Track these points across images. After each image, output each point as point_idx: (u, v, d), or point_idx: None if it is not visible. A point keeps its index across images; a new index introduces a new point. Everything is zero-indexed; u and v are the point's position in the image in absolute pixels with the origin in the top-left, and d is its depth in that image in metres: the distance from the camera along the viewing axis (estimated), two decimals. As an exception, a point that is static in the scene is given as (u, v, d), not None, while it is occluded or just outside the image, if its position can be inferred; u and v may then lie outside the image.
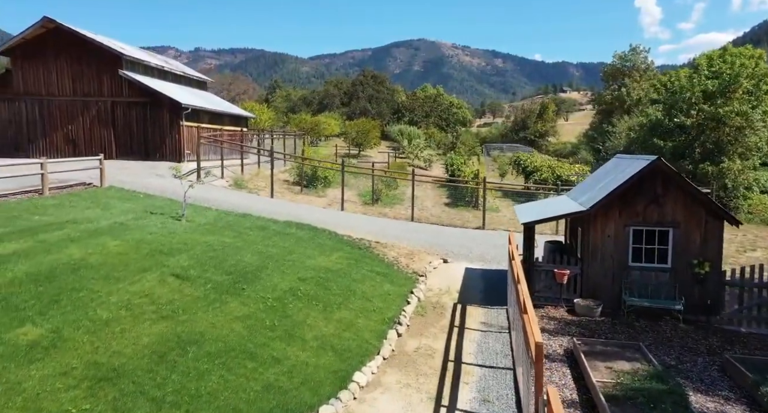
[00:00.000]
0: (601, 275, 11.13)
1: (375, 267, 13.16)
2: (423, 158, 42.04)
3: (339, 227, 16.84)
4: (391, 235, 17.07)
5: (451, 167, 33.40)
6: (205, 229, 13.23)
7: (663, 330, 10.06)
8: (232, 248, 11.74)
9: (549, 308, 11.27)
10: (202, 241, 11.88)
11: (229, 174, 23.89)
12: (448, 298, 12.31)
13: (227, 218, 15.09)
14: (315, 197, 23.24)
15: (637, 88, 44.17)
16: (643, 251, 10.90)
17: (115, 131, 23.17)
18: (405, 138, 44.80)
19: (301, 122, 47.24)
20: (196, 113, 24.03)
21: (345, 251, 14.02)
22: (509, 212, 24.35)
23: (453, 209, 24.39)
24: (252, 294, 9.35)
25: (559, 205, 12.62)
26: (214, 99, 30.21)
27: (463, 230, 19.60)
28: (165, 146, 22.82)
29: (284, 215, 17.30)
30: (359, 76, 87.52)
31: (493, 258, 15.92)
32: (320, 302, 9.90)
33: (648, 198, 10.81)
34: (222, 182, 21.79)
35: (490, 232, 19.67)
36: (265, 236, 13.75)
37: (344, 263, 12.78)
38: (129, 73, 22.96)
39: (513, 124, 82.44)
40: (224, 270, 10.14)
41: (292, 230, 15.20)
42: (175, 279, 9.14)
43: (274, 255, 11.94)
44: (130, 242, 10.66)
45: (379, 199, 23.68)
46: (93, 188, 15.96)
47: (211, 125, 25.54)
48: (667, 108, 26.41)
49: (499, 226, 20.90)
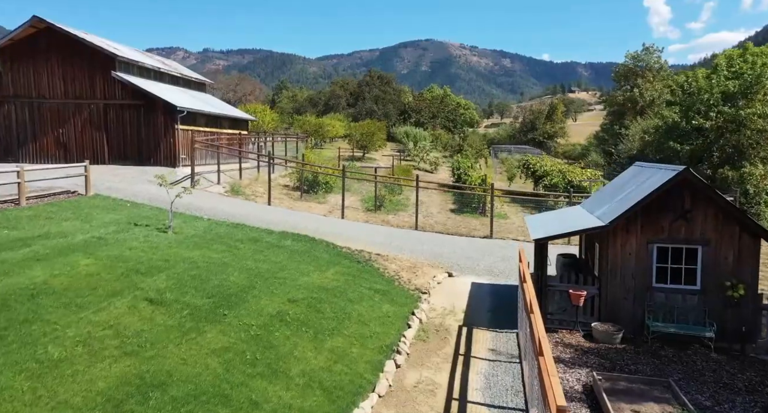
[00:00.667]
0: (621, 297, 10.11)
1: (374, 284, 12.20)
2: (429, 160, 41.04)
3: (338, 237, 15.91)
4: (393, 246, 16.12)
5: (458, 170, 32.39)
6: (192, 242, 12.32)
7: (693, 360, 9.02)
8: (218, 265, 10.82)
9: (563, 333, 10.26)
10: (187, 257, 10.97)
11: (227, 180, 23.01)
12: (452, 319, 11.32)
13: (218, 229, 14.19)
14: (315, 203, 22.32)
15: (650, 89, 42.85)
16: (669, 271, 9.87)
17: (107, 134, 22.36)
18: (410, 140, 43.82)
19: (304, 124, 46.38)
20: (192, 116, 23.17)
21: (342, 266, 13.07)
22: (518, 220, 23.33)
23: (459, 215, 23.38)
24: (234, 321, 8.41)
25: (574, 218, 11.60)
26: (213, 101, 29.34)
27: (469, 240, 18.59)
28: (159, 150, 21.98)
29: (280, 225, 16.39)
30: (365, 77, 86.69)
31: (502, 272, 14.92)
32: (311, 328, 8.95)
33: (674, 213, 9.77)
34: (218, 188, 20.91)
35: (498, 241, 18.65)
36: (256, 249, 12.83)
37: (341, 279, 11.82)
38: (123, 74, 22.14)
39: (521, 125, 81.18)
40: (206, 292, 9.21)
41: (287, 242, 14.27)
42: (148, 305, 8.21)
43: (263, 272, 11.01)
44: (104, 260, 9.76)
45: (382, 205, 22.72)
46: (77, 197, 15.11)
47: (208, 129, 24.69)
48: (684, 110, 25.27)
49: (507, 235, 19.88)
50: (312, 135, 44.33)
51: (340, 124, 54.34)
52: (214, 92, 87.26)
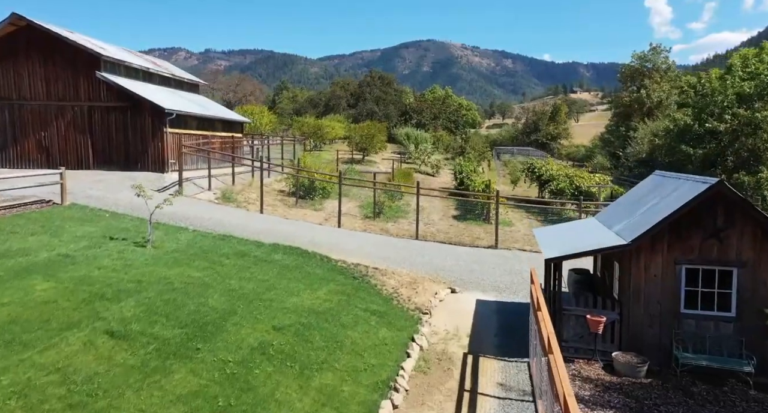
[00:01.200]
0: (645, 324, 9.05)
1: (370, 304, 11.15)
2: (430, 163, 39.99)
3: (333, 249, 14.87)
4: (392, 258, 15.07)
5: (460, 174, 31.32)
6: (171, 258, 11.28)
7: (730, 399, 7.96)
8: (197, 286, 9.77)
9: (581, 364, 9.20)
10: (163, 276, 9.93)
11: (219, 185, 21.97)
12: (456, 345, 10.27)
13: (203, 243, 13.14)
14: (311, 210, 21.27)
15: (657, 90, 41.74)
16: (699, 296, 8.81)
17: (92, 138, 21.29)
18: (411, 142, 42.75)
19: (303, 126, 45.32)
20: (182, 119, 22.11)
21: (337, 283, 12.03)
22: (523, 227, 22.28)
23: (462, 223, 22.32)
24: (208, 357, 7.37)
25: (590, 233, 10.54)
26: (207, 103, 28.24)
27: (473, 251, 17.53)
28: (147, 155, 20.92)
29: (272, 236, 15.35)
30: (366, 78, 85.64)
31: (508, 287, 13.87)
32: (297, 361, 7.91)
33: (706, 230, 8.71)
34: (209, 195, 19.87)
35: (504, 252, 17.58)
36: (243, 265, 11.79)
37: (334, 300, 10.78)
38: (108, 75, 21.07)
39: (524, 126, 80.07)
40: (179, 321, 8.16)
41: (278, 256, 13.22)
42: (108, 339, 7.17)
43: (248, 294, 9.96)
44: (66, 283, 8.72)
45: (382, 212, 21.67)
46: (50, 207, 14.08)
47: (200, 132, 23.62)
48: (697, 112, 24.21)
49: (513, 244, 18.81)
50: (311, 137, 43.29)
51: (339, 125, 53.27)
52: (213, 93, 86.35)
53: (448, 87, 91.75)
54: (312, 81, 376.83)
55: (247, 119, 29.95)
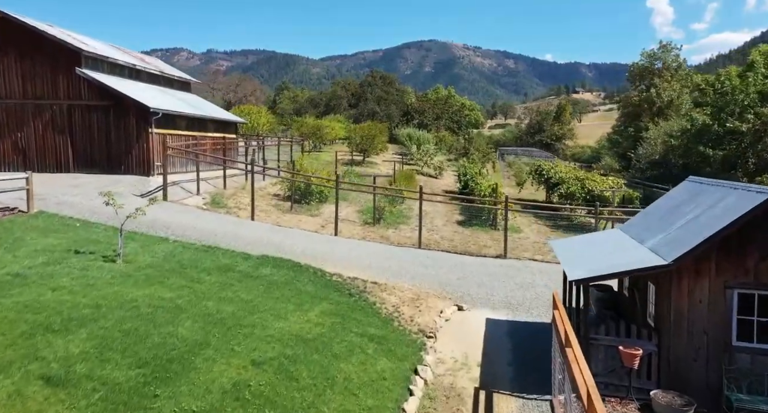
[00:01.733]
0: (689, 358, 7.72)
1: (368, 327, 9.85)
2: (433, 165, 38.64)
3: (328, 261, 13.57)
4: (392, 270, 13.77)
5: (464, 177, 29.98)
6: (143, 275, 9.98)
7: (798, 454, 6.63)
8: (168, 310, 8.47)
9: (613, 404, 7.87)
10: (128, 299, 8.62)
11: (209, 189, 20.67)
12: (465, 377, 8.95)
13: (183, 255, 11.85)
14: (307, 215, 19.95)
15: (668, 89, 40.34)
16: (756, 326, 7.48)
17: (72, 139, 19.95)
18: (413, 143, 41.41)
19: (302, 126, 44.01)
20: (170, 118, 20.77)
21: (330, 302, 10.73)
22: (532, 234, 20.95)
23: (467, 229, 20.99)
24: (167, 406, 6.06)
25: (618, 248, 9.20)
26: (198, 102, 26.84)
27: (480, 261, 16.20)
28: (131, 157, 19.59)
29: (262, 246, 14.06)
30: (367, 77, 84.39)
31: (521, 304, 12.56)
32: (277, 408, 6.60)
33: (763, 249, 7.39)
34: (197, 200, 18.57)
35: (514, 263, 16.24)
36: (225, 283, 10.49)
37: (326, 323, 9.47)
38: (90, 71, 19.72)
39: (528, 126, 78.68)
40: (138, 358, 6.86)
41: (266, 270, 11.92)
42: (43, 387, 5.86)
43: (227, 318, 8.65)
44: (7, 310, 7.42)
45: (382, 218, 20.35)
46: (14, 215, 12.79)
47: (190, 132, 22.30)
48: (716, 111, 22.85)
49: (523, 253, 17.47)
50: (310, 138, 41.99)
51: (340, 126, 51.96)
52: (214, 93, 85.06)
53: (450, 87, 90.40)
54: (314, 81, 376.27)
55: (242, 119, 28.58)
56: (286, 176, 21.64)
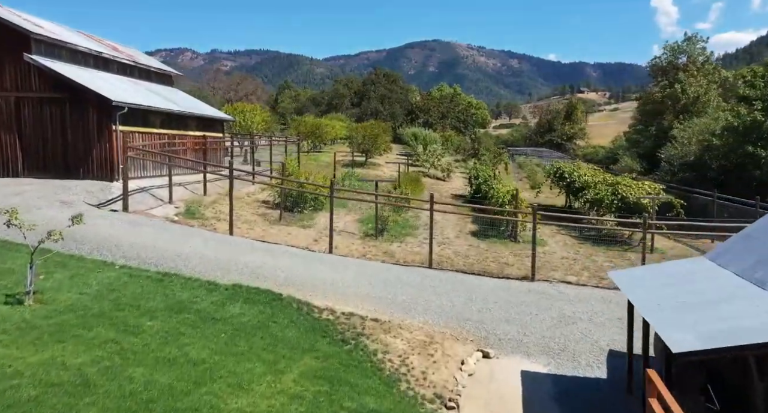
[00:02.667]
0: None
1: (365, 397, 7.13)
2: (440, 166, 35.88)
3: (318, 290, 10.86)
4: (398, 301, 11.06)
5: (476, 180, 27.19)
6: (54, 326, 7.26)
7: None
8: (65, 391, 5.73)
9: None
10: (10, 373, 5.89)
11: (186, 196, 17.97)
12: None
13: (125, 289, 9.12)
14: (298, 227, 17.22)
15: (694, 85, 37.36)
16: None
17: (20, 138, 17.12)
18: (419, 143, 38.66)
19: (300, 125, 41.26)
20: (140, 114, 17.87)
21: (316, 355, 8.01)
22: (558, 247, 18.17)
23: (483, 241, 18.24)
24: None
25: (725, 293, 6.42)
26: (179, 97, 23.83)
27: (503, 284, 13.42)
28: (91, 159, 16.75)
29: (237, 270, 11.34)
30: (371, 75, 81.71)
31: (563, 347, 9.83)
32: None
33: None
34: (168, 210, 15.85)
35: (545, 287, 13.44)
36: (171, 332, 7.76)
37: (308, 395, 6.75)
38: (43, 58, 16.84)
39: (538, 126, 75.74)
40: None
41: (234, 308, 9.20)
42: None
43: (157, 398, 5.93)
44: None
45: (385, 229, 17.62)
46: None
47: (165, 130, 19.55)
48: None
49: (551, 273, 14.70)
50: (308, 137, 39.25)
51: (341, 124, 49.21)
52: (214, 92, 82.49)
53: (456, 85, 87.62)
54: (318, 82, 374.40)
55: (229, 117, 25.69)
56: (274, 182, 18.91)
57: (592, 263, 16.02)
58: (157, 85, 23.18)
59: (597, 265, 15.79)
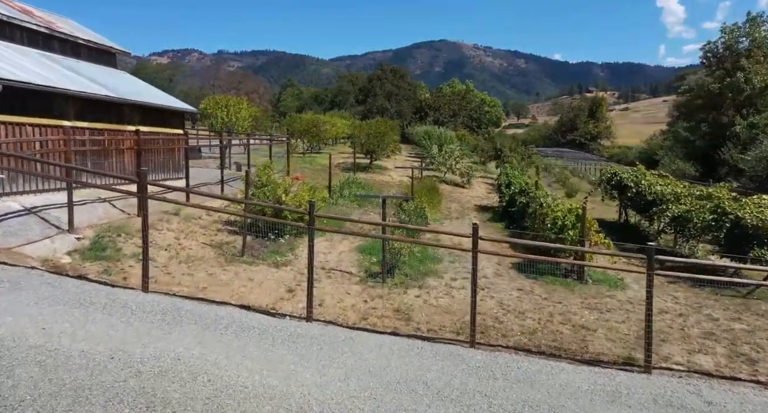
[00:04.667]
0: None
1: None
2: (459, 170, 30.32)
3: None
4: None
5: (508, 189, 21.60)
6: None
7: None
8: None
9: None
10: None
11: (107, 217, 12.50)
12: None
13: None
14: (268, 265, 11.68)
15: (760, 73, 31.43)
16: None
17: None
18: (434, 143, 33.10)
19: (295, 122, 35.79)
20: (39, 99, 12.36)
21: None
22: (637, 285, 12.47)
23: (535, 282, 12.71)
24: None
25: None
26: (119, 80, 17.89)
27: (602, 383, 7.75)
28: (-51, 164, 11.42)
29: (105, 389, 5.74)
30: (377, 71, 76.26)
31: None
32: None
33: None
34: (60, 244, 10.30)
35: (675, 386, 7.74)
36: None
37: None
38: None
39: (559, 124, 69.84)
40: None
41: None
42: None
43: None
44: None
45: (396, 267, 12.07)
46: None
47: (84, 123, 13.91)
48: None
49: (666, 350, 9.10)
50: (303, 136, 33.78)
51: (343, 122, 43.64)
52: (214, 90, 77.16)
53: (468, 81, 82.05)
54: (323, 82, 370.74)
55: (190, 108, 19.84)
56: (223, 203, 13.39)
57: (716, 326, 10.40)
58: (87, 64, 17.47)
59: (726, 329, 10.20)
